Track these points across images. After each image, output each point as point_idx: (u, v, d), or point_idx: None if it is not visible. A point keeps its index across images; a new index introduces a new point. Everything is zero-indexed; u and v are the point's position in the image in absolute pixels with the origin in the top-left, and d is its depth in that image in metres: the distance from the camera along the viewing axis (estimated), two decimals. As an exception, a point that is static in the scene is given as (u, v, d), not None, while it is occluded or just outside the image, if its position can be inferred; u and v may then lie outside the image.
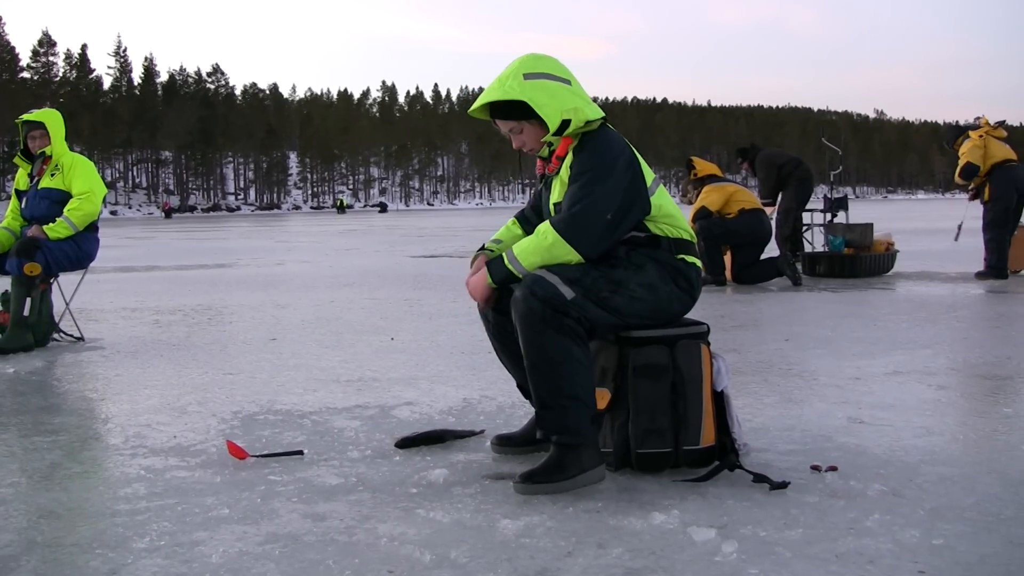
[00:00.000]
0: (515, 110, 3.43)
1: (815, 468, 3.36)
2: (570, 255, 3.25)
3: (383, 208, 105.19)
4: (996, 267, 10.79)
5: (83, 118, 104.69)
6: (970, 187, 11.29)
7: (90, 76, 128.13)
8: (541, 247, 3.27)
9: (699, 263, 3.52)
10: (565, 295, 3.18)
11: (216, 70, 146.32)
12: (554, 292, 3.18)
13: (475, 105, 3.52)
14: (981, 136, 11.02)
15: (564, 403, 3.19)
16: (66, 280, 7.22)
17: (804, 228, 12.84)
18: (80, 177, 6.80)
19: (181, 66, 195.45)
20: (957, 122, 11.79)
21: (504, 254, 3.37)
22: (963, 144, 11.17)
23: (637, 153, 3.44)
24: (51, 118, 6.91)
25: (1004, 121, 11.29)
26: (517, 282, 3.31)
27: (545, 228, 3.29)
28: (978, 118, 11.50)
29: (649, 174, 3.42)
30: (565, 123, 3.36)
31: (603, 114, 3.45)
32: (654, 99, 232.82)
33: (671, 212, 3.44)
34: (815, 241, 13.11)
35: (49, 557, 2.67)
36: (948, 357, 5.74)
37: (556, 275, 3.21)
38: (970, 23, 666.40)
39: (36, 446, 3.96)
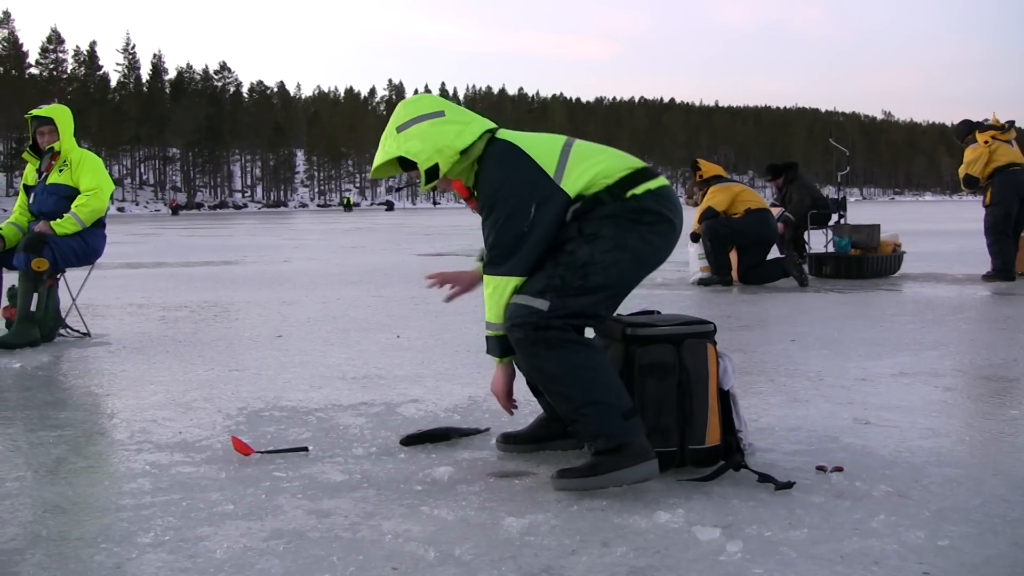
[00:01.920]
0: (411, 163, 3.39)
1: (820, 468, 3.35)
2: (515, 282, 3.24)
3: (390, 206, 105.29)
4: (1002, 269, 10.79)
5: (91, 115, 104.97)
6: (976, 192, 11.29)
7: (98, 73, 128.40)
8: (492, 296, 3.28)
9: (653, 185, 3.32)
10: (540, 308, 3.16)
11: (223, 68, 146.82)
12: (527, 311, 3.17)
13: (371, 173, 3.58)
14: (987, 142, 11.00)
15: (584, 412, 3.15)
16: (73, 276, 7.22)
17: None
18: (88, 173, 6.81)
19: (188, 64, 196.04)
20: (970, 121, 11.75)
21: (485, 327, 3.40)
22: (968, 149, 11.15)
23: (534, 144, 3.33)
24: (60, 114, 6.92)
25: (1013, 122, 11.27)
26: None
27: (485, 277, 3.33)
28: (986, 119, 11.48)
29: (551, 156, 3.29)
30: (434, 169, 3.31)
31: (483, 130, 3.37)
32: (661, 99, 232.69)
33: (593, 175, 3.27)
34: (812, 243, 13.07)
35: (54, 551, 2.67)
36: (954, 359, 5.73)
37: (524, 295, 3.21)
38: (978, 24, 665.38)
39: (42, 441, 3.96)
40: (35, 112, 6.95)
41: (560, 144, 3.36)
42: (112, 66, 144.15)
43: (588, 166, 3.29)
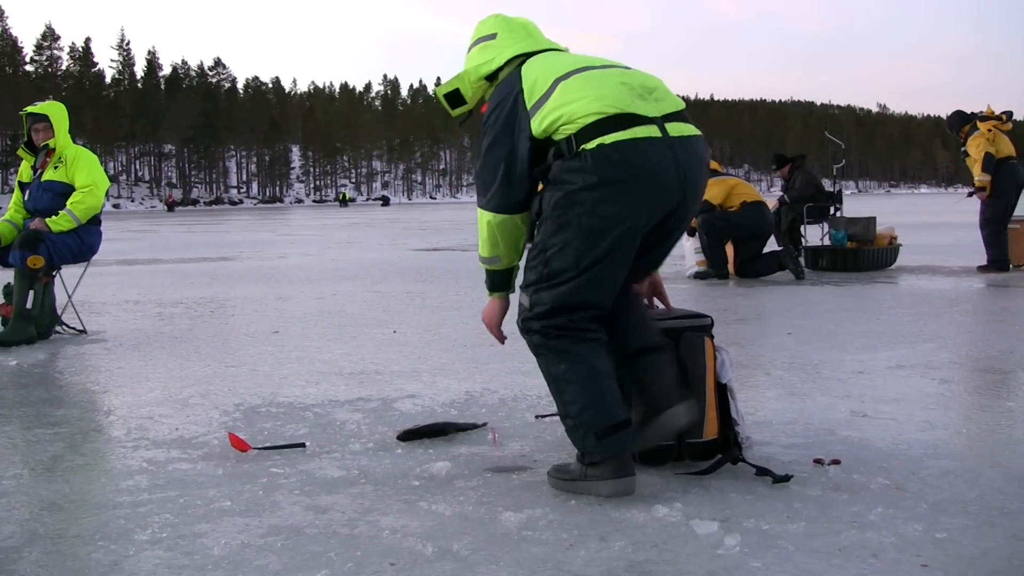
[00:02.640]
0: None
1: (818, 462, 3.35)
2: (487, 217, 3.14)
3: (385, 201, 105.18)
4: (997, 260, 10.86)
5: (86, 111, 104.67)
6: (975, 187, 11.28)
7: (93, 70, 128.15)
8: (478, 225, 3.22)
9: (610, 139, 2.91)
10: (524, 304, 3.11)
11: (218, 63, 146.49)
12: (521, 309, 3.14)
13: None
14: (990, 130, 11.03)
15: (565, 423, 3.12)
16: (68, 273, 7.22)
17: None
18: (83, 170, 6.79)
19: (183, 59, 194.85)
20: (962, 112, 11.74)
21: None
22: (972, 138, 11.13)
23: (539, 70, 3.07)
24: (55, 111, 6.90)
25: (1011, 113, 11.29)
26: (505, 277, 3.26)
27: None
28: (980, 111, 11.48)
29: (540, 87, 3.02)
30: (455, 95, 3.26)
31: (514, 54, 3.20)
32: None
33: (555, 118, 2.97)
34: (808, 236, 13.09)
35: (51, 549, 2.67)
36: (951, 351, 5.73)
37: (521, 290, 3.17)
38: (974, 16, 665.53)
39: (38, 438, 3.96)
40: (30, 109, 6.93)
41: (560, 73, 3.05)
42: (107, 63, 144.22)
43: (559, 104, 2.98)
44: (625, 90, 3.02)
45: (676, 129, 3.01)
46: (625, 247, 3.00)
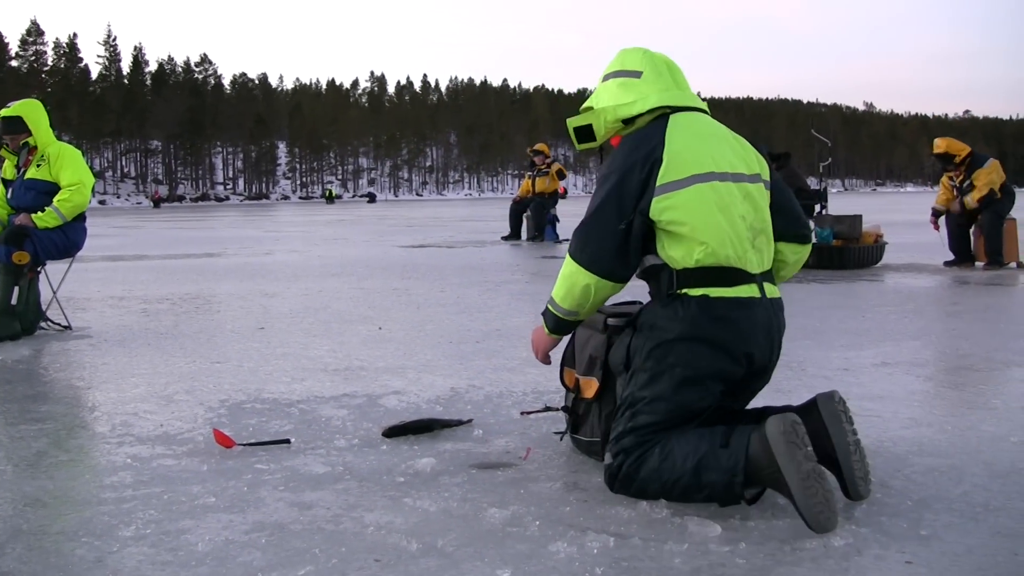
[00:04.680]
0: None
1: (803, 458, 3.35)
2: (587, 279, 2.97)
3: (371, 198, 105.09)
4: (992, 254, 11.40)
5: (72, 107, 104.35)
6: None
7: (79, 65, 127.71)
8: (566, 279, 3.04)
9: (714, 294, 2.94)
10: (609, 462, 2.95)
11: (205, 60, 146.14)
12: (607, 471, 2.97)
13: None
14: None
15: (701, 476, 2.80)
16: (53, 269, 7.18)
17: None
18: (68, 168, 6.73)
19: (170, 55, 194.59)
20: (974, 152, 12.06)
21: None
22: (983, 172, 11.57)
23: (683, 147, 2.96)
24: (29, 110, 6.75)
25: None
26: (573, 326, 3.17)
27: (567, 256, 3.06)
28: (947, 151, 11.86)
29: (682, 167, 2.93)
30: (584, 130, 3.13)
31: (657, 105, 3.05)
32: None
33: (686, 220, 2.89)
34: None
35: (35, 545, 2.66)
36: (936, 348, 5.75)
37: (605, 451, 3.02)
38: (960, 16, 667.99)
39: (23, 434, 3.94)
40: (2, 113, 6.79)
41: (699, 169, 2.96)
42: (93, 59, 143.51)
43: (685, 206, 2.91)
44: (744, 229, 2.99)
45: (770, 291, 3.10)
46: (715, 396, 2.98)
